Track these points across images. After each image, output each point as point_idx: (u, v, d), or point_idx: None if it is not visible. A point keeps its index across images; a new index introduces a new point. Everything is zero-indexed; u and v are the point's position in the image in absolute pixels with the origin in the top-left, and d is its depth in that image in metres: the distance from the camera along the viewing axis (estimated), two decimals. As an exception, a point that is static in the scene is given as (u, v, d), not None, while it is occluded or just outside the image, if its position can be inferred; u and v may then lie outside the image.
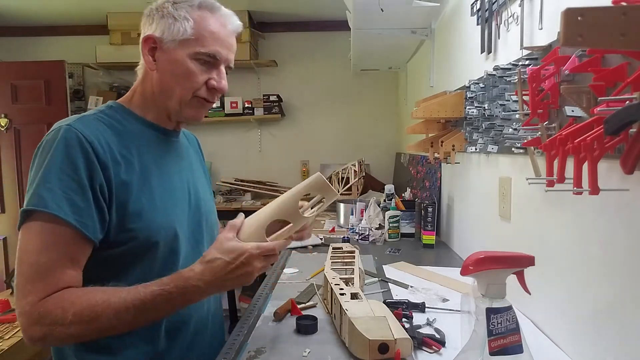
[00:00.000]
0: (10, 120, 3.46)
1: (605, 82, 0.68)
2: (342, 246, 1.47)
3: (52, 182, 0.77)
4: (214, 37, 0.89)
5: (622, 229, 0.73)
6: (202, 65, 0.89)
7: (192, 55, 0.88)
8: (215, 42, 0.89)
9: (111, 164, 0.82)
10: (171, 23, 0.88)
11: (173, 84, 0.90)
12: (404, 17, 2.10)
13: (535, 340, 0.96)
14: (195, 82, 0.89)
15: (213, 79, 0.91)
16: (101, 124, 0.86)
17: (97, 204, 0.79)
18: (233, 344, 0.94)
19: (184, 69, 0.88)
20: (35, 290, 0.74)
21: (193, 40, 0.88)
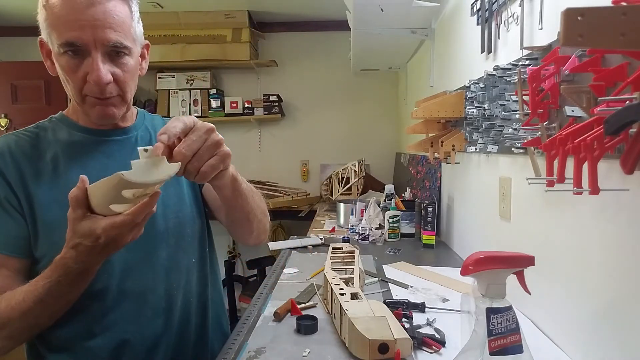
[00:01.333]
0: (10, 120, 3.46)
1: (605, 82, 0.68)
2: (342, 246, 1.47)
3: None
4: (63, 21, 0.75)
5: (622, 229, 0.73)
6: (72, 58, 0.77)
7: (58, 52, 0.78)
8: (67, 27, 0.74)
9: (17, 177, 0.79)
10: (38, 19, 0.79)
11: (65, 84, 0.83)
12: (404, 17, 2.10)
13: (535, 340, 0.96)
14: (73, 81, 0.79)
15: (88, 71, 0.78)
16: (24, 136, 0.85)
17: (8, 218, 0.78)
18: (233, 344, 0.94)
19: (60, 68, 0.80)
20: None
21: (51, 34, 0.77)
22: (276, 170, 3.91)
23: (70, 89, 0.81)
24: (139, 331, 0.87)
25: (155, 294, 0.90)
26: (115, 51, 0.79)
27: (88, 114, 0.83)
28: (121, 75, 0.80)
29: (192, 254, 0.98)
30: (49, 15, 0.76)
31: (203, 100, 3.67)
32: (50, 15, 0.76)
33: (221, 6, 3.33)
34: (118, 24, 0.77)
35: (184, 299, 0.95)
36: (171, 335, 0.93)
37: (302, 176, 3.94)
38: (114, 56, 0.79)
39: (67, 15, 0.74)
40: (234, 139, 3.90)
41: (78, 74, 0.78)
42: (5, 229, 0.78)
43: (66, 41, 0.75)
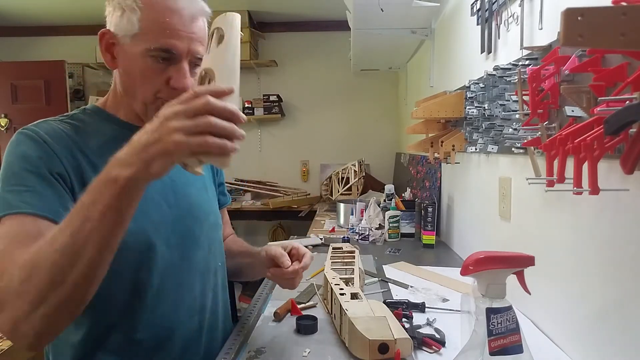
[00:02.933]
0: (10, 120, 3.47)
1: (605, 82, 0.68)
2: (342, 246, 1.47)
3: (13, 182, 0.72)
4: (166, 27, 0.76)
5: (622, 229, 0.73)
6: (158, 62, 0.78)
7: (144, 53, 0.77)
8: (169, 34, 0.76)
9: (70, 160, 0.77)
10: (120, 16, 0.77)
11: (132, 84, 0.81)
12: (404, 17, 2.10)
13: (535, 340, 0.96)
14: (152, 84, 0.80)
15: (173, 77, 0.79)
16: (64, 125, 0.82)
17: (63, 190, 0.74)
18: (233, 344, 0.94)
19: (139, 69, 0.79)
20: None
21: (142, 35, 0.77)
22: (276, 170, 3.91)
23: (142, 90, 0.81)
24: (175, 330, 0.88)
25: (190, 294, 0.92)
26: (195, 63, 0.82)
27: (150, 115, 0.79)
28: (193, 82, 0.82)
29: (219, 258, 1.03)
30: (147, 17, 0.76)
31: (203, 100, 3.67)
32: (149, 18, 0.76)
33: (221, 6, 3.33)
34: (203, 39, 0.81)
35: (213, 301, 0.99)
36: (202, 336, 0.94)
37: (302, 176, 3.94)
38: (191, 67, 0.82)
39: (171, 23, 0.76)
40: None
41: (160, 77, 0.79)
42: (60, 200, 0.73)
43: (163, 47, 0.77)
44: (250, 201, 3.61)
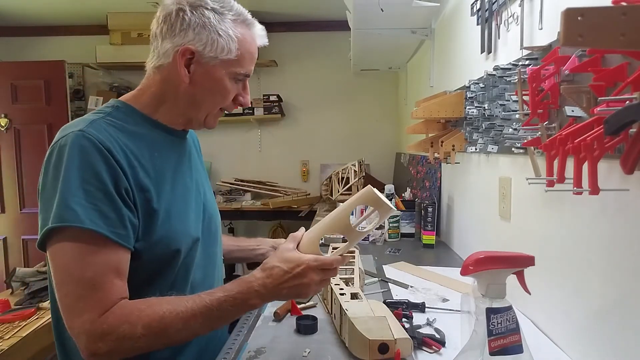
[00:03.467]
0: (10, 120, 3.46)
1: (605, 82, 0.68)
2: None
3: (77, 195, 0.72)
4: (252, 58, 0.89)
5: (622, 229, 0.73)
6: (236, 83, 0.90)
7: (231, 75, 0.87)
8: (252, 62, 0.90)
9: (128, 169, 0.79)
10: (215, 39, 0.83)
11: (206, 98, 0.89)
12: (404, 17, 2.10)
13: (535, 340, 0.96)
14: (228, 99, 0.90)
15: (241, 95, 0.92)
16: (112, 127, 0.82)
17: (126, 210, 0.77)
18: (233, 344, 0.94)
19: (222, 88, 0.88)
20: (90, 307, 0.71)
21: (235, 62, 0.86)
22: (276, 170, 3.91)
23: (214, 103, 0.90)
24: None
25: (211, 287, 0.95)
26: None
27: (207, 122, 0.93)
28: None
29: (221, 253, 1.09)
30: (241, 46, 0.86)
31: (203, 100, 3.67)
32: (243, 47, 0.86)
33: (221, 6, 3.33)
34: None
35: None
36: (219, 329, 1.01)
37: (302, 176, 3.94)
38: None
39: (255, 52, 0.90)
40: (234, 139, 3.90)
41: (233, 94, 0.90)
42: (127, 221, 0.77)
43: (247, 72, 0.89)
44: (250, 201, 3.61)
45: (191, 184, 0.95)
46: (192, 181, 0.96)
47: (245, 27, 0.87)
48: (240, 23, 0.86)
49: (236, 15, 0.86)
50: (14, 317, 1.61)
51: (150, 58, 0.88)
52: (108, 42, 3.63)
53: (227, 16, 0.84)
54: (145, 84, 0.90)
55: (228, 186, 3.70)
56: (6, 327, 1.55)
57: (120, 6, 3.38)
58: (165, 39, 0.84)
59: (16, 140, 3.47)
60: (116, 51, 3.58)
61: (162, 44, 0.84)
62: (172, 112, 0.90)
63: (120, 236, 0.75)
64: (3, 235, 3.46)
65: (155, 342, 0.74)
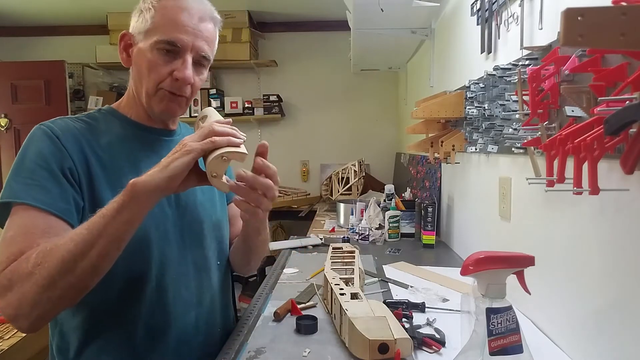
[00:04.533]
0: (10, 120, 3.47)
1: (605, 82, 0.68)
2: (342, 246, 1.47)
3: (23, 175, 0.78)
4: (174, 23, 0.84)
5: (622, 229, 0.73)
6: (164, 55, 0.85)
7: (153, 45, 0.85)
8: (175, 28, 0.84)
9: (77, 154, 0.82)
10: (138, 17, 0.87)
11: (140, 77, 0.88)
12: (404, 17, 2.10)
13: (535, 340, 0.96)
14: (156, 73, 0.85)
15: (176, 69, 0.85)
16: (79, 123, 0.87)
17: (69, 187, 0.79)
18: (233, 344, 0.94)
19: (146, 60, 0.85)
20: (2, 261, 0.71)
21: (153, 30, 0.85)
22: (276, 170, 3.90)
23: (147, 80, 0.87)
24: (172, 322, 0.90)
25: (187, 290, 0.93)
26: (199, 61, 0.89)
27: (153, 106, 0.89)
28: (197, 81, 0.90)
29: (219, 257, 1.03)
30: (159, 14, 0.85)
31: (203, 100, 3.67)
32: (161, 15, 0.85)
33: (221, 6, 3.31)
34: (210, 40, 0.90)
35: (211, 299, 0.99)
36: (199, 333, 0.95)
37: (302, 176, 3.94)
38: (196, 65, 0.89)
39: (179, 19, 0.84)
40: (234, 139, 3.89)
41: (164, 68, 0.85)
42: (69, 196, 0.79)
43: (169, 39, 0.84)
44: (250, 201, 3.60)
45: None
46: None
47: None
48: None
49: None
50: (14, 317, 1.60)
51: None
52: (108, 42, 3.63)
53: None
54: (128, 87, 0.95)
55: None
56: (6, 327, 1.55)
57: (120, 6, 3.38)
58: None
59: (16, 140, 3.47)
60: (116, 51, 3.49)
61: None
62: (136, 106, 0.93)
63: (60, 209, 0.76)
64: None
65: (53, 270, 0.68)
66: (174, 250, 0.91)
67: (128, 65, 0.90)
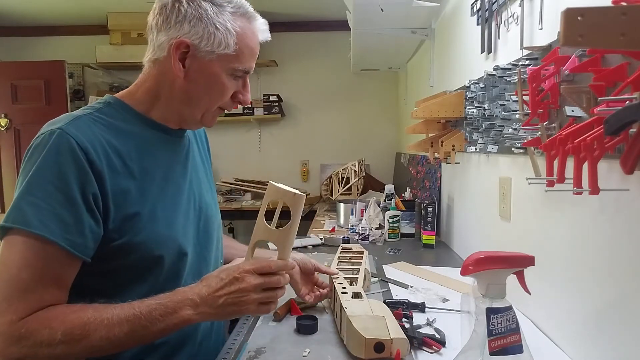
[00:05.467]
0: (10, 120, 3.47)
1: (605, 82, 0.68)
2: (352, 247, 1.46)
3: (37, 195, 0.70)
4: (252, 53, 0.85)
5: (622, 229, 0.73)
6: (235, 80, 0.86)
7: (229, 71, 0.83)
8: (252, 58, 0.85)
9: (107, 171, 0.75)
10: (212, 32, 0.79)
11: (202, 95, 0.84)
12: (404, 17, 2.10)
13: (535, 340, 0.96)
14: (226, 96, 0.86)
15: (240, 92, 0.88)
16: (98, 124, 0.79)
17: (89, 217, 0.73)
18: (233, 344, 0.94)
19: (219, 84, 0.83)
20: (14, 310, 0.67)
21: (233, 56, 0.81)
22: (276, 170, 3.91)
23: (211, 100, 0.86)
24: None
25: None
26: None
27: (204, 121, 0.89)
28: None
29: (220, 256, 1.06)
30: (240, 40, 0.82)
31: (203, 100, 3.67)
32: (242, 41, 0.82)
33: (221, 6, 3.34)
34: None
35: None
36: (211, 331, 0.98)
37: (302, 176, 3.94)
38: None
39: (256, 47, 0.86)
40: (234, 139, 3.90)
41: (231, 91, 0.86)
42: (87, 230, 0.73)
43: (247, 69, 0.85)
44: (250, 201, 3.60)
45: (184, 186, 0.91)
46: (186, 182, 0.92)
47: (246, 20, 0.83)
48: (240, 16, 0.82)
49: (236, 8, 0.81)
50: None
51: (147, 51, 0.85)
52: (108, 42, 3.63)
53: (226, 8, 0.80)
54: (141, 79, 0.86)
55: (228, 186, 3.70)
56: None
57: (120, 6, 3.38)
58: (160, 31, 0.80)
59: (16, 140, 3.47)
60: (116, 51, 3.58)
61: (157, 37, 0.81)
62: (166, 109, 0.86)
63: (74, 244, 0.71)
64: (3, 235, 3.46)
65: (75, 350, 0.68)
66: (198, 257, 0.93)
67: (180, 75, 0.81)
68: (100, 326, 0.68)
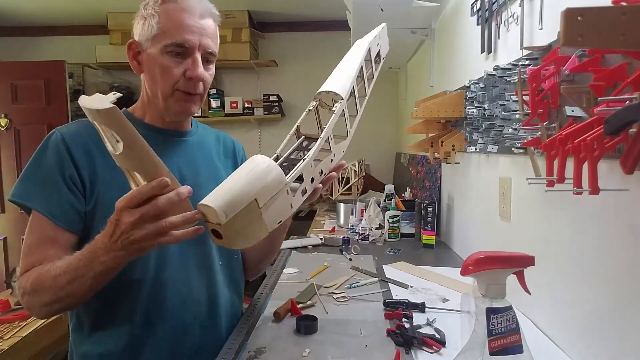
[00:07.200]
0: (10, 120, 3.46)
1: (605, 82, 0.68)
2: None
3: (30, 177, 0.87)
4: (179, 25, 0.87)
5: (622, 229, 0.73)
6: (175, 57, 0.88)
7: (163, 49, 0.88)
8: (181, 30, 0.87)
9: (85, 158, 0.87)
10: (142, 24, 0.89)
11: (154, 82, 0.91)
12: (404, 17, 2.10)
13: (535, 340, 0.96)
14: (171, 76, 0.89)
15: (188, 68, 0.89)
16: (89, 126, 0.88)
17: (69, 194, 0.85)
18: (233, 344, 0.94)
19: (159, 65, 0.89)
20: (22, 266, 0.84)
21: (161, 34, 0.88)
22: (276, 170, 3.90)
23: (162, 84, 0.90)
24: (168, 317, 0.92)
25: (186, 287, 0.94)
26: (207, 58, 0.92)
27: (169, 107, 0.92)
28: (207, 77, 0.93)
29: (222, 257, 1.03)
30: (163, 18, 0.87)
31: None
32: (165, 19, 0.87)
33: (221, 6, 3.31)
34: (214, 36, 0.93)
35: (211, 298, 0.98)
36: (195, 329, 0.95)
37: (302, 176, 3.93)
38: (204, 62, 0.92)
39: (183, 20, 0.87)
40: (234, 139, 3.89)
41: (177, 70, 0.88)
42: (67, 203, 0.85)
43: (177, 42, 0.87)
44: (250, 201, 3.60)
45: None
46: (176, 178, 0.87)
47: (169, 2, 0.88)
48: (162, 2, 0.88)
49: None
50: (14, 317, 1.61)
51: None
52: (108, 42, 3.63)
53: (150, 3, 0.89)
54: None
55: (228, 186, 3.69)
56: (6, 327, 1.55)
57: (120, 6, 3.38)
58: None
59: (16, 140, 3.47)
60: (116, 51, 3.57)
61: None
62: (152, 109, 0.96)
63: (54, 215, 0.84)
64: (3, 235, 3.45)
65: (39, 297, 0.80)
66: (175, 249, 0.92)
67: (139, 72, 0.93)
68: (49, 277, 0.78)
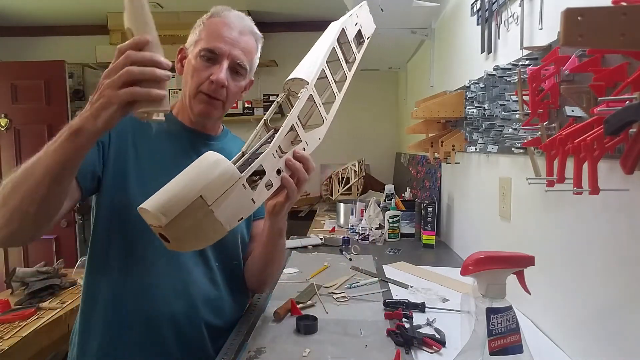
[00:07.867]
0: (10, 120, 3.46)
1: (605, 82, 0.68)
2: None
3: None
4: (216, 34, 0.96)
5: (622, 229, 0.73)
6: (205, 61, 0.96)
7: (197, 53, 0.97)
8: (216, 38, 0.96)
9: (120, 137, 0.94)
10: (192, 33, 1.01)
11: (185, 82, 1.00)
12: (404, 17, 2.10)
13: (535, 340, 0.96)
14: (198, 77, 0.96)
15: (213, 73, 0.96)
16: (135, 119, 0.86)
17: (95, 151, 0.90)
18: (233, 344, 0.94)
19: (191, 67, 0.98)
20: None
21: (200, 41, 0.97)
22: (276, 170, 3.90)
23: (190, 84, 0.98)
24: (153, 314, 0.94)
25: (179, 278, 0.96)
26: (236, 69, 0.99)
27: (193, 107, 0.99)
28: (233, 86, 0.99)
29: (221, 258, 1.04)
30: (206, 28, 0.98)
31: (203, 100, 3.67)
32: (207, 29, 0.98)
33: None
34: (247, 51, 1.01)
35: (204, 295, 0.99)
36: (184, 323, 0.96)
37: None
38: (233, 72, 0.99)
39: (219, 31, 0.97)
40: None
41: (204, 73, 0.96)
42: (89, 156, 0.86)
43: (208, 47, 0.95)
44: (250, 201, 3.60)
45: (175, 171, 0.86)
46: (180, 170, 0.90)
47: (214, 16, 1.00)
48: (210, 16, 1.00)
49: (212, 13, 1.00)
50: (14, 317, 1.61)
51: None
52: (108, 42, 3.63)
53: (203, 17, 1.00)
54: None
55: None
56: (6, 327, 1.55)
57: (120, 6, 3.30)
58: None
59: (16, 140, 3.47)
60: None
61: None
62: (182, 108, 1.04)
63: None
64: (3, 235, 3.46)
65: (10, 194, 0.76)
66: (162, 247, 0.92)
67: (181, 74, 1.03)
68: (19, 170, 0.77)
